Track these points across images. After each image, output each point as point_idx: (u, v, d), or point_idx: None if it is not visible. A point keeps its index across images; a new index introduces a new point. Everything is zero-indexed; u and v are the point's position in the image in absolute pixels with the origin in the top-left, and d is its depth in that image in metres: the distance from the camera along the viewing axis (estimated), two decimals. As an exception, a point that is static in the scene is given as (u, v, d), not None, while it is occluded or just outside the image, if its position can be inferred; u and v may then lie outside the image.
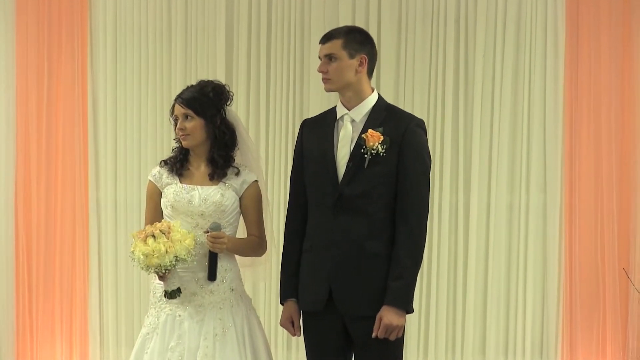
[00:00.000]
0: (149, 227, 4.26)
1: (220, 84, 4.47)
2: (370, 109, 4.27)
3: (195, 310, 4.35)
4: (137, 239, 4.25)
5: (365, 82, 4.28)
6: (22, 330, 6.28)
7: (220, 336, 4.33)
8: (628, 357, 6.19)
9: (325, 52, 4.25)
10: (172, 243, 4.19)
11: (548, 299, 6.30)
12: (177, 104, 4.41)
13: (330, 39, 4.25)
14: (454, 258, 6.36)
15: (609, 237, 6.21)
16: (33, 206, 6.30)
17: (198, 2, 6.38)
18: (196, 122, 4.37)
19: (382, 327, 4.14)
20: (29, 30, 6.31)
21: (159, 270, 4.23)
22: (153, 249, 4.18)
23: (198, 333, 4.32)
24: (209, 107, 4.39)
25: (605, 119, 6.22)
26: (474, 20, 6.31)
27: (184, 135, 4.38)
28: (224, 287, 4.39)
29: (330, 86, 4.27)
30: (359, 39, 4.27)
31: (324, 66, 4.25)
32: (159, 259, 4.18)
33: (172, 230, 4.23)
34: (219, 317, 4.35)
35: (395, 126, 4.22)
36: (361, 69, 4.24)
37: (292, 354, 6.29)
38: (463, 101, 6.34)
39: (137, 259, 4.22)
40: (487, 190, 6.34)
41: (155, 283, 4.41)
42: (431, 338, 6.34)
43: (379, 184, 4.19)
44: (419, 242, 4.21)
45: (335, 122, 4.29)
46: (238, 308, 4.42)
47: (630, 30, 6.21)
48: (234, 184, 4.42)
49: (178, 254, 4.20)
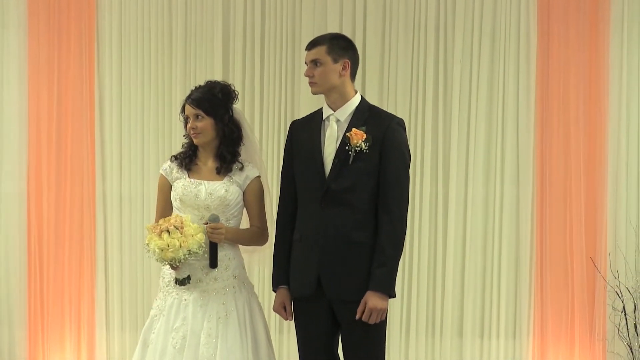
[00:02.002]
0: (163, 222, 4.26)
1: (227, 84, 4.46)
2: (354, 109, 4.27)
3: (200, 295, 4.35)
4: (153, 232, 4.25)
5: (348, 85, 4.28)
6: (34, 315, 6.26)
7: (223, 319, 4.33)
8: (594, 339, 6.19)
9: (311, 58, 4.26)
10: (185, 238, 4.20)
11: (521, 284, 6.29)
12: (188, 105, 4.40)
13: (316, 45, 4.26)
14: (434, 246, 6.34)
15: (577, 228, 6.21)
16: (44, 198, 6.28)
17: (197, 8, 6.36)
18: (206, 121, 4.37)
19: (367, 311, 4.15)
20: (40, 34, 6.29)
21: (173, 263, 4.25)
22: (168, 243, 4.19)
23: (202, 316, 4.33)
24: (218, 106, 4.39)
25: (574, 118, 6.23)
26: (452, 28, 6.31)
27: (195, 133, 4.38)
28: (228, 274, 4.40)
29: (316, 89, 4.28)
30: (342, 45, 4.27)
31: (310, 70, 4.26)
32: (174, 253, 4.19)
33: (185, 225, 4.23)
34: (222, 302, 4.35)
35: (377, 125, 4.22)
36: (345, 72, 4.25)
37: (283, 337, 6.27)
38: (442, 102, 6.34)
39: (153, 252, 4.22)
40: (465, 183, 6.33)
41: (165, 270, 4.42)
42: (412, 320, 6.33)
43: (363, 178, 4.20)
44: (400, 232, 4.22)
45: (322, 122, 4.30)
46: (240, 294, 4.42)
47: (596, 38, 6.21)
48: (237, 179, 4.42)
49: (191, 248, 4.20)
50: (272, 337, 6.12)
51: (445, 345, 6.33)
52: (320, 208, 4.22)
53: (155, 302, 4.46)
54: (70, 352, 6.27)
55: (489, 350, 6.33)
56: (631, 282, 6.09)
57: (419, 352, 6.34)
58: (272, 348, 4.46)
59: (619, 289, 6.07)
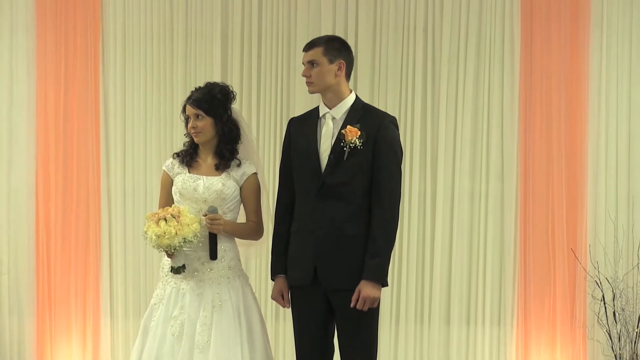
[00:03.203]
0: (161, 211, 4.27)
1: (225, 85, 4.47)
2: (349, 107, 4.28)
3: (196, 284, 4.35)
4: (151, 220, 4.26)
5: (343, 84, 4.29)
6: (42, 305, 6.24)
7: (217, 308, 4.33)
8: (575, 326, 6.21)
9: (308, 59, 4.27)
10: (181, 226, 4.20)
11: (505, 275, 6.30)
12: (189, 105, 4.40)
13: (312, 47, 4.27)
14: (422, 238, 6.35)
15: (559, 221, 6.23)
16: (51, 192, 6.27)
17: (197, 11, 6.35)
18: (206, 120, 4.38)
19: (361, 299, 4.16)
20: (48, 36, 6.27)
21: (168, 250, 4.25)
22: (164, 230, 4.19)
23: (198, 305, 4.33)
24: (218, 107, 4.39)
25: (555, 116, 6.25)
26: (440, 29, 6.32)
27: (196, 132, 4.39)
28: (223, 265, 4.39)
29: (313, 88, 4.29)
30: (338, 47, 4.28)
31: (307, 71, 4.27)
32: (169, 240, 4.20)
33: (182, 215, 4.24)
34: (217, 291, 4.35)
35: (371, 123, 4.23)
36: (340, 72, 4.26)
37: (279, 325, 6.26)
38: (430, 101, 6.35)
39: (150, 238, 4.23)
40: (452, 179, 6.34)
41: (164, 261, 4.43)
42: (402, 309, 6.34)
43: (356, 173, 4.21)
44: (392, 224, 4.23)
45: (318, 120, 4.31)
46: (234, 284, 4.41)
47: (577, 39, 6.23)
48: (235, 175, 4.42)
49: (186, 236, 4.21)
50: (269, 324, 6.18)
51: (433, 332, 6.34)
52: (316, 201, 4.23)
53: (155, 291, 4.47)
54: (76, 340, 6.27)
55: (474, 336, 6.34)
56: (610, 272, 6.11)
57: (408, 338, 6.35)
58: (266, 335, 4.46)
59: (598, 278, 6.09)
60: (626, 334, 6.03)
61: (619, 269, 6.11)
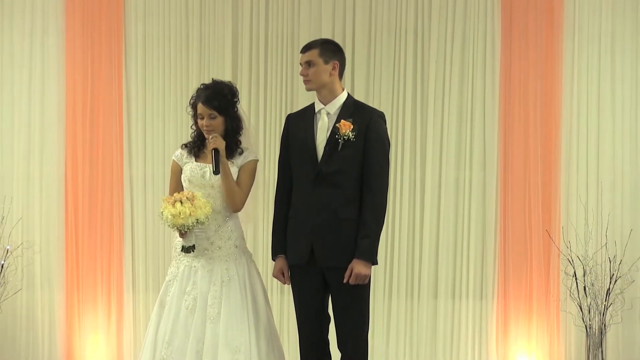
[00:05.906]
0: (177, 194, 4.28)
1: (231, 83, 4.46)
2: (342, 104, 4.29)
3: (206, 262, 4.37)
4: (167, 202, 4.27)
5: (337, 83, 4.30)
6: (70, 280, 6.24)
7: (226, 282, 4.35)
8: (550, 300, 6.20)
9: (305, 60, 4.28)
10: (195, 209, 4.21)
11: (487, 254, 6.29)
12: (202, 105, 4.36)
13: (309, 48, 4.29)
14: (413, 221, 6.33)
15: (535, 205, 6.21)
16: (79, 180, 6.27)
17: (210, 16, 6.33)
18: (219, 119, 4.37)
19: (353, 276, 4.18)
20: (76, 39, 6.25)
21: (182, 229, 4.26)
22: (180, 211, 4.20)
23: (208, 280, 4.34)
24: (228, 105, 4.39)
25: (532, 111, 6.23)
26: (428, 33, 6.30)
27: (209, 130, 4.38)
28: (230, 244, 4.41)
29: (310, 86, 4.30)
30: (332, 49, 4.30)
31: (304, 70, 4.29)
32: (184, 220, 4.21)
33: (196, 199, 4.26)
34: (225, 268, 4.37)
35: (362, 117, 4.24)
36: (334, 72, 4.27)
37: (284, 298, 6.25)
38: (420, 97, 6.33)
39: (166, 218, 4.24)
40: (439, 168, 6.32)
41: (177, 241, 4.43)
42: (394, 285, 6.33)
43: (349, 163, 4.23)
44: (381, 208, 4.25)
45: (314, 115, 4.32)
46: (241, 261, 4.42)
47: (552, 44, 6.20)
48: (237, 162, 4.43)
49: (199, 218, 4.22)
50: (274, 299, 6.19)
51: (422, 305, 6.33)
52: (313, 188, 4.25)
53: (169, 269, 4.48)
54: (102, 311, 6.27)
55: (459, 309, 6.32)
56: (581, 251, 6.09)
57: (399, 311, 6.33)
58: (269, 307, 4.48)
59: (570, 257, 6.08)
60: (595, 306, 6.03)
61: (589, 248, 6.09)
